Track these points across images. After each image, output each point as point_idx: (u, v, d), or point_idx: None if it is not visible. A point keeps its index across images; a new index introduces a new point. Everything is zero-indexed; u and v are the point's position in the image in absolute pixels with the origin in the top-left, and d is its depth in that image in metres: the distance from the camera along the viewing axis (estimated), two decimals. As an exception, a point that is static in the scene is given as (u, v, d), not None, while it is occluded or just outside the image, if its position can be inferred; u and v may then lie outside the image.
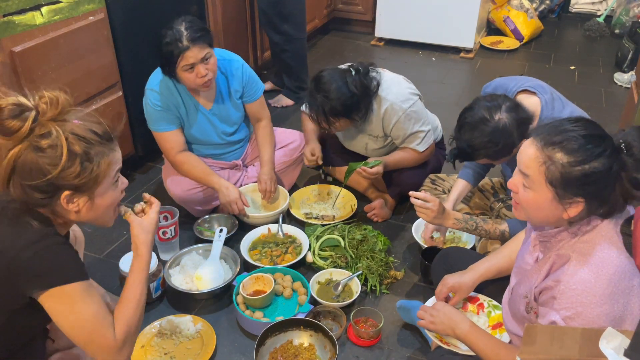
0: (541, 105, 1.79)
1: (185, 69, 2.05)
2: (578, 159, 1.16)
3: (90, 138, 1.22)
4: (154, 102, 2.18)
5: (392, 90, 2.21)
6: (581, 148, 1.17)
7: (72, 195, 1.22)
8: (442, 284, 1.66)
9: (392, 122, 2.21)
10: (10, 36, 1.95)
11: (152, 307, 1.99)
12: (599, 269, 1.17)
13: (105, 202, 1.29)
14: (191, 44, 2.01)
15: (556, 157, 1.18)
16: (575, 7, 5.40)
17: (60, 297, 1.21)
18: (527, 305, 1.35)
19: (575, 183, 1.17)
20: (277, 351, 1.77)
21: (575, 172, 1.17)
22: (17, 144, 1.16)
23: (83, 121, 1.24)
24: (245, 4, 3.42)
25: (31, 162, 1.16)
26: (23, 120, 1.15)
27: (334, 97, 2.09)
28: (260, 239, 2.28)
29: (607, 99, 3.64)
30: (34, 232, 1.20)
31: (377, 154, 2.38)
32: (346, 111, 2.13)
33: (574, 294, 1.17)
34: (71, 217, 1.27)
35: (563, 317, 1.18)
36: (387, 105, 2.19)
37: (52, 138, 1.17)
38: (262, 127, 2.42)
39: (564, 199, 1.19)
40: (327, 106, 2.10)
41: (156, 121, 2.22)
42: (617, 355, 0.93)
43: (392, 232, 2.39)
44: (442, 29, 4.29)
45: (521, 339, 1.09)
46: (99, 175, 1.23)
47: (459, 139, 1.77)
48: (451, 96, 3.60)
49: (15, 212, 1.21)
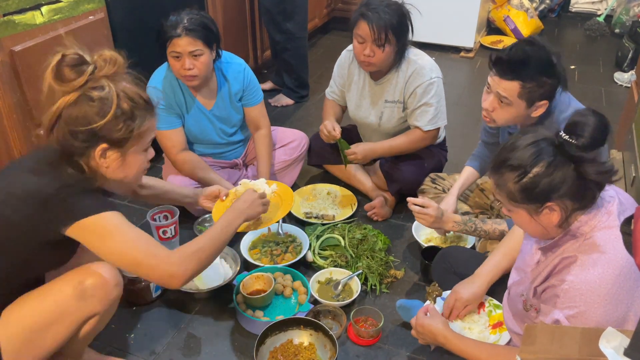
0: None
1: (172, 55, 2.08)
2: (520, 171, 1.19)
3: (137, 100, 1.35)
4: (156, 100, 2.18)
5: (424, 58, 2.28)
6: (521, 159, 1.19)
7: (106, 150, 1.33)
8: (455, 298, 1.66)
9: (414, 84, 2.24)
10: (10, 35, 1.95)
11: (152, 306, 2.00)
12: (604, 270, 1.17)
13: (134, 164, 1.41)
14: (183, 34, 2.04)
15: (506, 177, 1.22)
16: (575, 6, 5.40)
17: (95, 227, 1.31)
18: (525, 304, 1.36)
19: (532, 193, 1.20)
20: (277, 350, 1.77)
21: (524, 184, 1.19)
22: (71, 92, 1.27)
23: (133, 85, 1.36)
24: (245, 4, 3.42)
25: (80, 110, 1.28)
26: (80, 73, 1.28)
27: (393, 13, 2.12)
28: (260, 238, 2.28)
29: (607, 99, 3.64)
30: (70, 177, 1.32)
31: (388, 128, 2.39)
32: (400, 30, 2.14)
33: (578, 293, 1.17)
34: (101, 172, 1.37)
35: (566, 316, 1.19)
36: (417, 66, 2.24)
37: (104, 92, 1.29)
38: (261, 137, 2.41)
39: (536, 210, 1.22)
40: (387, 17, 2.10)
41: (157, 119, 2.21)
42: (617, 354, 0.93)
43: (392, 231, 2.39)
44: (442, 29, 4.29)
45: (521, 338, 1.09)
46: (136, 136, 1.36)
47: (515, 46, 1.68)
48: (451, 96, 3.59)
49: (55, 158, 1.33)
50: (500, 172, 1.23)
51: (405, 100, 2.30)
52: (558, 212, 1.20)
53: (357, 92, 2.41)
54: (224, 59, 2.28)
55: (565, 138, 1.17)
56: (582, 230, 1.23)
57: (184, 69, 2.08)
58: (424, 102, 2.25)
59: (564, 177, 1.17)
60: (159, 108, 2.17)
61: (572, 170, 1.17)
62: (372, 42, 2.12)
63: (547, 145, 1.18)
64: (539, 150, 1.18)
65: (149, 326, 1.92)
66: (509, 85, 1.65)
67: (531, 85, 1.63)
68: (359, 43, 2.17)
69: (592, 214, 1.23)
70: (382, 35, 2.10)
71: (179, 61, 2.08)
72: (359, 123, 2.51)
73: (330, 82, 2.53)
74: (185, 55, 2.06)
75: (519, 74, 1.63)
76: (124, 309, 1.98)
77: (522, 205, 1.23)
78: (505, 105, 1.69)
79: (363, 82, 2.38)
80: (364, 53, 2.16)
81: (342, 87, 2.48)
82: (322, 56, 4.30)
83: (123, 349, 1.83)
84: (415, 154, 2.39)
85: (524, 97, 1.65)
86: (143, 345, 1.85)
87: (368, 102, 2.39)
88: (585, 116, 1.16)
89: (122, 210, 1.31)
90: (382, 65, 2.21)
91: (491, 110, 1.73)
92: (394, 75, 2.28)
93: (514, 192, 1.21)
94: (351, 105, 2.46)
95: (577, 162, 1.16)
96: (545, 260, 1.30)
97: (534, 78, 1.63)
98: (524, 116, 1.71)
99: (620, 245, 1.19)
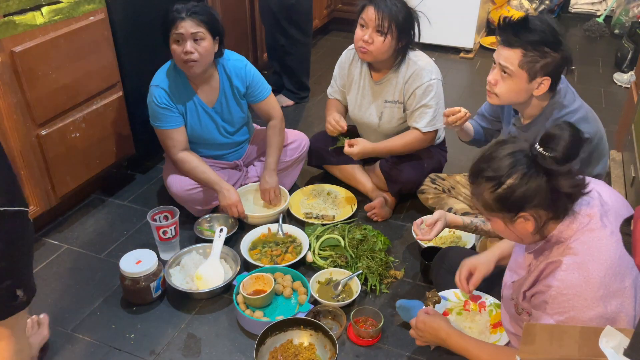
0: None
1: (174, 38, 2.09)
2: (496, 182, 1.21)
3: None
4: (159, 99, 2.19)
5: (424, 60, 2.28)
6: (496, 170, 1.21)
7: None
8: (460, 266, 1.68)
9: (414, 85, 2.25)
10: (11, 36, 1.95)
11: (152, 306, 2.00)
12: (589, 273, 1.18)
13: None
14: (186, 16, 2.07)
15: (482, 187, 1.24)
16: (574, 7, 5.40)
17: None
18: (516, 307, 1.37)
19: (506, 203, 1.22)
20: (277, 350, 1.77)
21: (499, 194, 1.21)
22: None
23: None
24: (245, 4, 3.42)
25: None
26: None
27: (401, 8, 2.15)
28: (260, 238, 2.28)
29: (606, 99, 3.65)
30: None
31: (388, 129, 2.39)
32: (403, 27, 2.16)
33: (566, 299, 1.18)
34: None
35: (557, 322, 1.19)
36: (416, 68, 2.25)
37: None
38: (271, 127, 2.43)
39: (511, 219, 1.24)
40: (395, 9, 2.13)
41: (160, 118, 2.22)
42: (617, 354, 0.93)
43: (392, 231, 2.39)
44: (442, 29, 4.29)
45: (519, 339, 1.09)
46: None
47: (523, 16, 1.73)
48: (451, 96, 3.59)
49: None
50: (477, 182, 1.26)
51: (405, 101, 2.30)
52: (532, 221, 1.23)
53: (357, 92, 2.42)
54: (226, 57, 2.28)
55: (539, 150, 1.18)
56: (565, 235, 1.24)
57: (184, 53, 2.09)
58: (423, 103, 2.26)
59: (538, 188, 1.19)
60: (161, 107, 2.18)
61: (545, 182, 1.19)
62: (374, 27, 2.14)
63: (522, 157, 1.20)
64: (515, 162, 1.20)
65: (149, 326, 1.92)
66: (511, 54, 1.68)
67: (533, 55, 1.65)
68: (360, 27, 2.19)
69: (570, 219, 1.24)
70: (386, 23, 2.12)
71: (181, 45, 2.09)
72: (359, 123, 2.52)
73: (332, 82, 2.54)
74: (187, 38, 2.07)
75: (521, 40, 1.66)
76: (124, 309, 1.99)
77: (497, 214, 1.26)
78: (507, 78, 1.72)
79: (363, 82, 2.38)
80: (363, 38, 2.18)
81: (342, 87, 2.49)
82: (322, 57, 4.31)
83: (123, 349, 1.83)
84: (415, 155, 2.40)
85: (525, 67, 1.67)
86: (143, 345, 1.85)
87: (368, 102, 2.39)
88: (561, 130, 1.17)
89: (122, 211, 1.30)
90: (378, 56, 2.21)
91: (494, 83, 1.76)
92: (394, 76, 2.29)
93: (489, 201, 1.24)
94: (351, 105, 2.47)
95: (550, 174, 1.18)
96: (536, 263, 1.30)
97: (536, 46, 1.65)
98: (525, 91, 1.72)
99: (603, 246, 1.20)
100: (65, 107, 2.22)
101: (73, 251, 2.26)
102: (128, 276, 1.92)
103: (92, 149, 2.40)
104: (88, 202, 2.55)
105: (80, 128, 2.30)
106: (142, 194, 2.61)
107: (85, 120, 2.32)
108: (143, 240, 2.31)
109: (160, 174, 2.74)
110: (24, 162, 2.10)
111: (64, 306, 2.00)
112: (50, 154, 2.20)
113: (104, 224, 2.41)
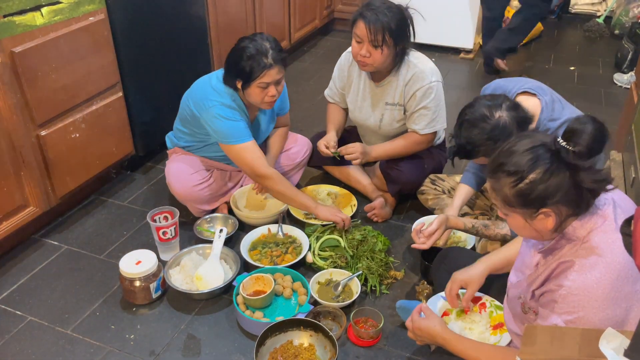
0: (541, 107, 1.80)
1: (260, 85, 2.05)
2: (517, 177, 1.19)
3: None
4: (233, 117, 2.12)
5: (424, 62, 2.28)
6: (517, 164, 1.19)
7: None
8: (451, 281, 1.67)
9: (414, 88, 2.24)
10: (11, 37, 1.95)
11: (152, 306, 2.00)
12: (602, 274, 1.17)
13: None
14: (274, 63, 2.03)
15: (502, 182, 1.22)
16: (574, 7, 5.40)
17: None
18: (522, 306, 1.36)
19: (527, 198, 1.20)
20: (277, 351, 1.77)
21: (520, 189, 1.19)
22: None
23: None
24: (245, 4, 3.42)
25: None
26: None
27: (392, 15, 2.12)
28: (260, 239, 2.28)
29: (606, 100, 3.64)
30: None
31: (389, 131, 2.39)
32: (398, 33, 2.14)
33: (576, 299, 1.17)
34: None
35: (565, 321, 1.18)
36: (417, 70, 2.24)
37: None
38: (279, 131, 2.49)
39: (531, 215, 1.22)
40: (385, 19, 2.09)
41: (240, 135, 2.14)
42: (618, 355, 0.93)
43: (392, 232, 2.39)
44: (442, 30, 4.30)
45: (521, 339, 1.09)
46: None
47: (459, 136, 1.77)
48: (451, 97, 3.59)
49: None
50: (496, 177, 1.24)
51: (405, 103, 2.30)
52: (553, 217, 1.21)
53: (357, 94, 2.41)
54: None
55: (562, 144, 1.17)
56: (578, 234, 1.23)
57: (269, 96, 2.09)
58: (423, 105, 2.26)
59: (560, 183, 1.17)
60: (237, 121, 2.14)
61: (568, 178, 1.17)
62: (369, 42, 2.12)
63: (544, 152, 1.19)
64: (536, 157, 1.18)
65: (149, 326, 1.92)
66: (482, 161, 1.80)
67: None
68: (356, 42, 2.18)
69: (586, 218, 1.23)
70: (379, 36, 2.10)
71: (264, 91, 2.07)
72: (359, 124, 2.52)
73: (330, 83, 2.53)
74: (272, 84, 2.07)
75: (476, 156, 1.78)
76: (123, 310, 1.99)
77: (517, 209, 1.23)
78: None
79: (363, 84, 2.38)
80: (360, 53, 2.17)
81: (342, 89, 2.49)
82: (322, 57, 4.31)
83: (123, 350, 1.83)
84: (415, 155, 2.40)
85: None
86: (143, 346, 1.85)
87: (369, 104, 2.39)
88: (583, 124, 1.16)
89: (122, 211, 1.31)
90: (378, 66, 2.21)
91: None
92: (394, 78, 2.28)
93: (509, 196, 1.22)
94: (351, 106, 2.47)
95: (573, 169, 1.16)
96: (545, 263, 1.30)
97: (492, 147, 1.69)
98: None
99: (616, 248, 1.19)
100: (65, 107, 2.22)
101: (73, 252, 2.26)
102: (128, 277, 1.92)
103: (92, 149, 2.40)
104: (88, 203, 2.55)
105: (80, 128, 2.30)
106: (142, 195, 2.61)
107: (85, 120, 2.32)
108: (143, 241, 2.31)
109: (160, 175, 2.74)
110: (24, 162, 2.10)
111: (64, 307, 2.00)
112: (50, 154, 2.20)
113: (103, 225, 2.41)
